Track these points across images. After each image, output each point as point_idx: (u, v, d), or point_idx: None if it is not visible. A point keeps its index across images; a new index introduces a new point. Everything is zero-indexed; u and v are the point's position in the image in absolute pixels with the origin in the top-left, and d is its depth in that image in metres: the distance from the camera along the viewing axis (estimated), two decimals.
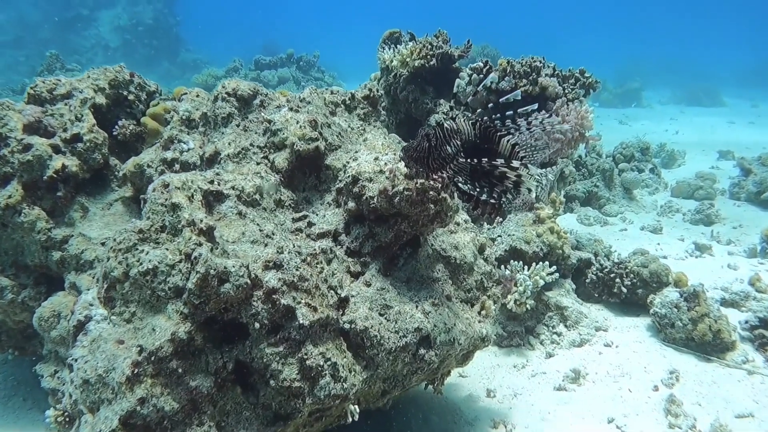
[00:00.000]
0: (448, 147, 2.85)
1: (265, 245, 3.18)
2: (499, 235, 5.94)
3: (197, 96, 4.29)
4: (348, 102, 4.33)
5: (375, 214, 3.40)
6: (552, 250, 5.83)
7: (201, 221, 2.96)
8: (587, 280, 6.34)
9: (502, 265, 5.52)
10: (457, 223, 4.02)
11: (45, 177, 3.91)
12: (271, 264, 3.01)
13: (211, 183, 3.30)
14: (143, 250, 2.89)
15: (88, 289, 3.68)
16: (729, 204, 10.50)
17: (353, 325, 3.16)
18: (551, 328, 5.69)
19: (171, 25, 33.15)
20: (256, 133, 3.87)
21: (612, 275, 6.20)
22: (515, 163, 2.75)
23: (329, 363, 2.96)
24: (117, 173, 4.27)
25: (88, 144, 4.09)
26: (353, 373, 3.09)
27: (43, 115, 4.04)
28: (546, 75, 6.45)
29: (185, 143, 4.00)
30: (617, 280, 6.16)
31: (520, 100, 2.78)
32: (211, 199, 3.30)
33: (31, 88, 4.19)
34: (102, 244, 3.98)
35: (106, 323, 3.00)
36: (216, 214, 3.28)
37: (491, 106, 2.87)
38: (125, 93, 4.53)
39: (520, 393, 4.79)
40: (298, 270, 3.04)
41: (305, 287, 3.03)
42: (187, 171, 3.82)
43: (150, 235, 2.95)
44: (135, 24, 31.40)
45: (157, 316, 2.87)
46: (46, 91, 4.20)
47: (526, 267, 5.52)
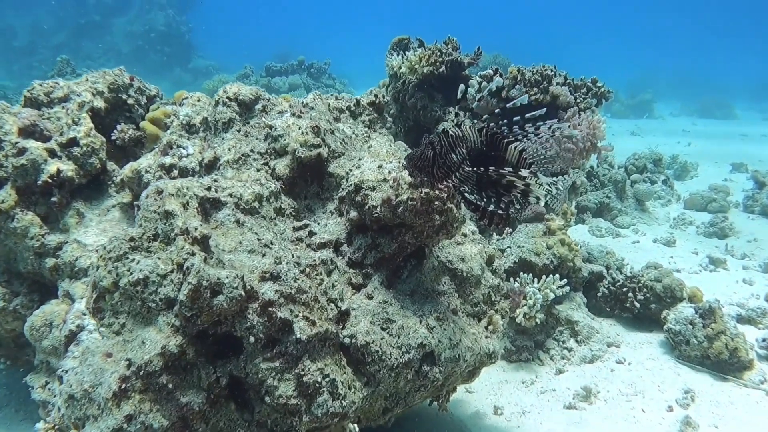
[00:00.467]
0: (453, 155, 2.71)
1: (263, 255, 3.05)
2: (509, 247, 5.80)
3: (198, 100, 4.18)
4: (353, 108, 4.21)
5: (378, 224, 3.26)
6: (563, 262, 5.68)
7: (195, 229, 2.84)
8: (599, 293, 6.18)
9: (511, 278, 5.38)
10: (464, 234, 3.88)
11: (39, 182, 3.81)
12: (268, 275, 2.88)
13: (208, 190, 3.18)
14: (134, 259, 2.78)
15: (81, 298, 3.57)
16: (743, 217, 10.31)
17: (354, 340, 3.02)
18: (561, 343, 5.53)
19: (183, 32, 33.28)
20: (257, 139, 3.75)
21: (624, 289, 6.04)
22: (524, 172, 2.61)
23: (327, 379, 2.83)
24: (115, 179, 4.16)
25: (84, 148, 3.98)
26: (353, 390, 2.95)
27: (40, 119, 3.94)
28: (557, 84, 6.31)
29: (184, 149, 3.89)
30: (630, 294, 5.99)
31: (527, 105, 2.65)
32: (208, 207, 3.18)
33: (28, 90, 4.10)
34: (97, 251, 3.87)
35: (95, 335, 2.88)
36: (213, 222, 3.16)
37: (498, 111, 2.73)
38: (125, 97, 4.43)
39: (528, 411, 4.62)
40: (296, 281, 2.91)
41: (303, 300, 2.90)
42: (186, 177, 3.70)
43: (141, 244, 2.83)
44: (147, 30, 31.55)
45: (148, 328, 2.74)
46: (43, 94, 4.10)
47: (535, 279, 5.37)
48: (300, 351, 2.80)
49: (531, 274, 5.47)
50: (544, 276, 5.41)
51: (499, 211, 2.75)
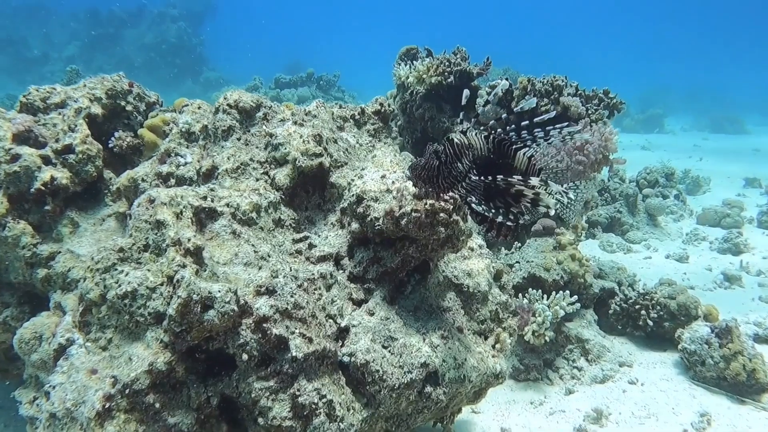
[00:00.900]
0: (459, 164, 2.57)
1: (260, 268, 2.91)
2: (518, 261, 5.64)
3: (198, 108, 4.06)
4: (357, 117, 4.09)
5: (381, 236, 3.12)
6: (573, 278, 5.51)
7: (188, 240, 2.71)
8: (610, 311, 5.98)
9: (519, 294, 5.21)
10: (471, 248, 3.73)
11: (32, 189, 3.69)
12: (264, 289, 2.74)
13: (204, 199, 3.06)
14: (123, 270, 2.65)
15: (71, 310, 3.43)
16: (758, 233, 10.08)
17: (353, 359, 2.87)
18: (571, 362, 5.34)
19: (194, 45, 33.48)
20: (257, 148, 3.63)
21: (637, 306, 5.84)
22: (533, 180, 2.46)
23: (325, 400, 2.67)
24: (111, 187, 4.04)
25: (80, 155, 3.87)
26: (351, 412, 2.79)
27: (35, 125, 3.83)
28: (568, 94, 6.17)
29: (183, 157, 3.77)
30: (642, 312, 5.79)
31: (535, 110, 2.50)
32: (203, 217, 3.05)
33: (24, 96, 4.00)
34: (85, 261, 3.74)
35: (81, 350, 2.74)
36: (208, 232, 3.03)
37: (504, 116, 2.59)
38: (123, 103, 4.32)
39: None
40: (293, 296, 2.77)
41: (300, 315, 2.75)
42: (182, 186, 3.57)
43: (131, 255, 2.70)
44: (159, 42, 31.74)
45: (135, 344, 2.61)
46: (39, 100, 4.00)
47: (545, 296, 5.20)
48: (296, 370, 2.66)
49: (540, 290, 5.30)
50: (553, 292, 5.24)
51: (508, 223, 2.60)
